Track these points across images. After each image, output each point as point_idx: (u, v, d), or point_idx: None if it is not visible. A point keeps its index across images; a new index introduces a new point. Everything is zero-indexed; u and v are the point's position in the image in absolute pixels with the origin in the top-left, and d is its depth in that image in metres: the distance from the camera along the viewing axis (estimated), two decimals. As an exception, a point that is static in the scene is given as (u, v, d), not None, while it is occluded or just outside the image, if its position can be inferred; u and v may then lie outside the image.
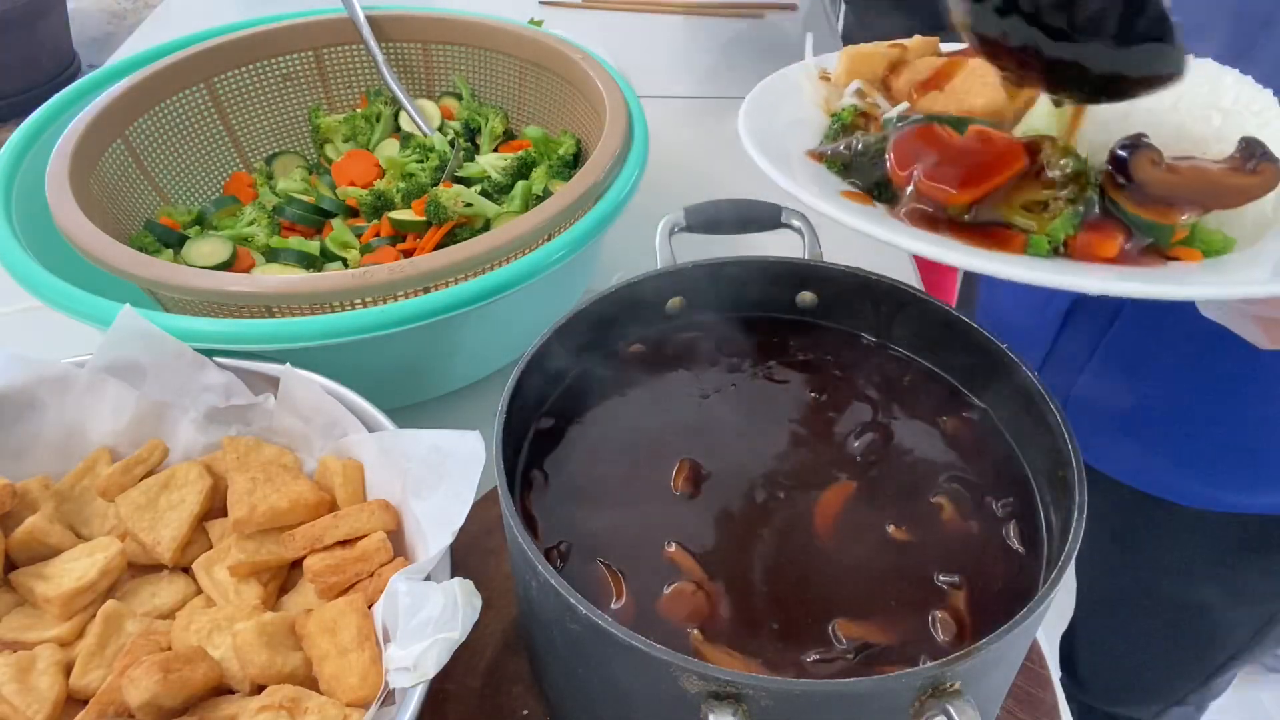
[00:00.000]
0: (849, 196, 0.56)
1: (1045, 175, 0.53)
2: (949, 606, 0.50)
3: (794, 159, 0.60)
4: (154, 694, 0.48)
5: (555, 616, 0.47)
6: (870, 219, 0.52)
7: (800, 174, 0.57)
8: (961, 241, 0.52)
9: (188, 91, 0.94)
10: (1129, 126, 0.56)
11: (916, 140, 0.56)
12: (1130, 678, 1.09)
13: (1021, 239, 0.52)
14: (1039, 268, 0.50)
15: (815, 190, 0.54)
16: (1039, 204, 0.53)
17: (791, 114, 0.66)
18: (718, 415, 0.61)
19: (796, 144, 0.63)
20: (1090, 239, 0.52)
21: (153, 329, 0.64)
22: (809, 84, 0.69)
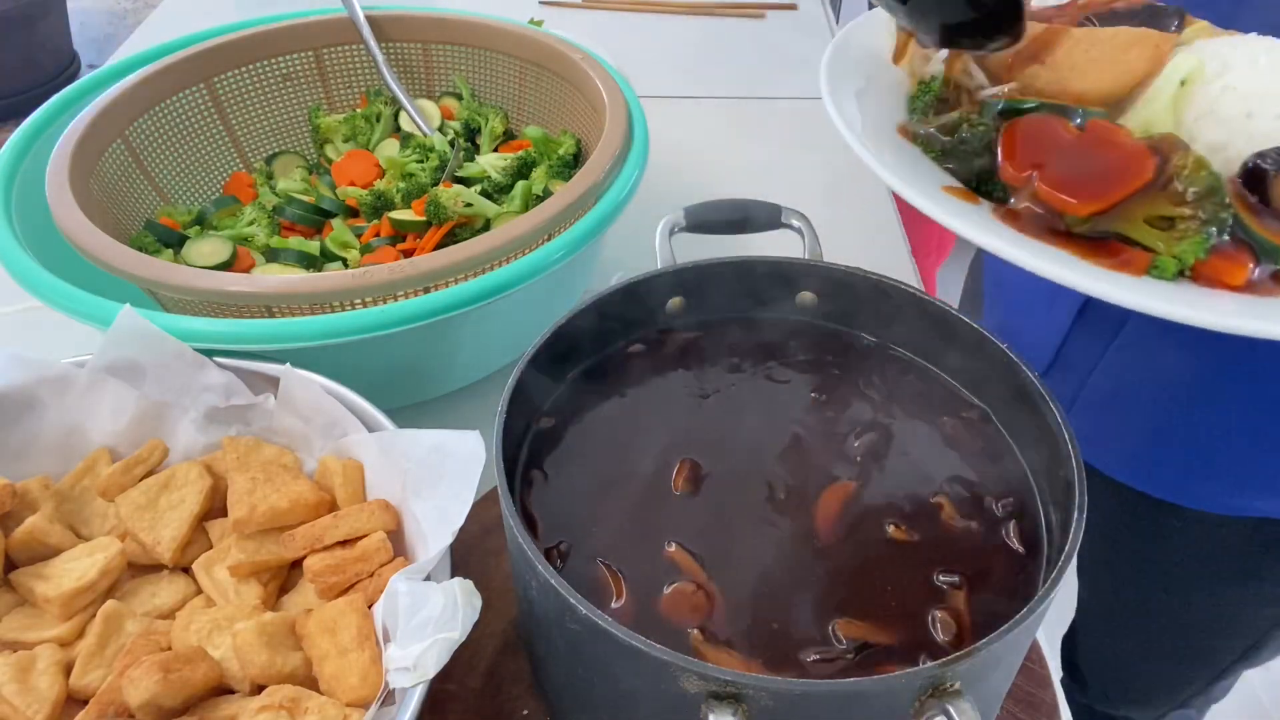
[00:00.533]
0: (951, 193, 0.51)
1: (1173, 187, 0.49)
2: (949, 606, 0.50)
3: (883, 136, 0.56)
4: (154, 694, 0.48)
5: (555, 616, 0.47)
6: (980, 225, 0.48)
7: (891, 155, 0.53)
8: (1079, 257, 0.48)
9: (188, 91, 0.94)
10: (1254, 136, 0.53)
11: (1032, 134, 0.52)
12: (1132, 680, 1.09)
13: (1144, 258, 0.48)
14: (1172, 298, 0.46)
15: (915, 184, 0.50)
16: (1165, 219, 0.49)
17: (873, 73, 0.61)
18: (718, 415, 0.61)
19: (882, 112, 0.58)
20: (1218, 264, 0.48)
21: (153, 329, 0.64)
22: (891, 39, 0.63)
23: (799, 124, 1.26)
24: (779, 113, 1.29)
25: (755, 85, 1.34)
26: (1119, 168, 0.49)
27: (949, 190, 0.51)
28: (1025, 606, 0.44)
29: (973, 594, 0.51)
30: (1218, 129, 0.54)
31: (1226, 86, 0.54)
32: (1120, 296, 0.45)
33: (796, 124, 1.26)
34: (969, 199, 0.51)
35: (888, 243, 1.05)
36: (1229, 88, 0.54)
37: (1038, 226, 0.49)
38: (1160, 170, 0.49)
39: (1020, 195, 0.50)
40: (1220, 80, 0.55)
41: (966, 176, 0.53)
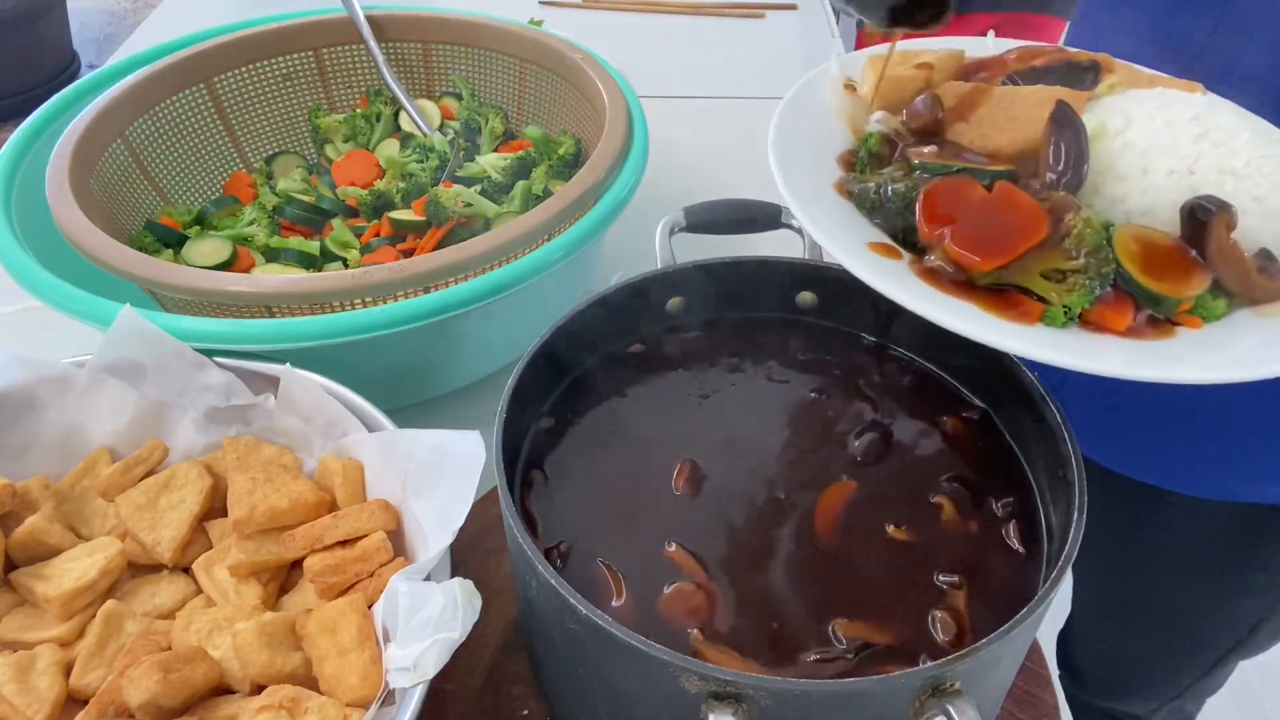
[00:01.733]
0: (875, 249, 0.56)
1: (1065, 244, 0.54)
2: (949, 606, 0.50)
3: (823, 190, 0.61)
4: (154, 694, 0.48)
5: (555, 616, 0.47)
6: (893, 279, 0.53)
7: (826, 212, 0.58)
8: (981, 308, 0.53)
9: (188, 91, 0.94)
10: (1148, 190, 0.58)
11: (945, 196, 0.57)
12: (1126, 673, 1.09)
13: (1038, 308, 0.53)
14: (1058, 346, 0.51)
15: (842, 241, 0.55)
16: (1058, 272, 0.54)
17: (819, 127, 0.66)
18: (718, 415, 0.61)
19: (824, 165, 0.63)
20: (1104, 312, 0.53)
21: (153, 329, 0.64)
22: (835, 96, 0.68)
23: (799, 124, 1.26)
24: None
25: (755, 85, 1.34)
26: (1018, 227, 0.55)
27: (874, 246, 0.56)
28: (1025, 606, 0.44)
29: (973, 594, 0.51)
30: (1117, 184, 0.59)
31: (1127, 143, 0.59)
32: (1013, 345, 0.50)
33: (796, 124, 1.26)
34: (892, 254, 0.56)
35: (888, 243, 1.04)
36: (1129, 144, 0.59)
37: (949, 281, 0.54)
38: (1054, 228, 0.54)
39: (934, 252, 0.55)
40: (1122, 137, 0.60)
41: (893, 231, 0.58)
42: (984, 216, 0.56)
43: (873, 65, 0.68)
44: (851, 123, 0.66)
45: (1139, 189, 0.58)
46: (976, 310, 0.53)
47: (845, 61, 0.70)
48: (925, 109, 0.64)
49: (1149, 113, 0.60)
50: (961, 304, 0.53)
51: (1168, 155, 0.58)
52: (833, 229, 0.56)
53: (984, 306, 0.53)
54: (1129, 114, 0.61)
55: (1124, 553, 0.97)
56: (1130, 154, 0.59)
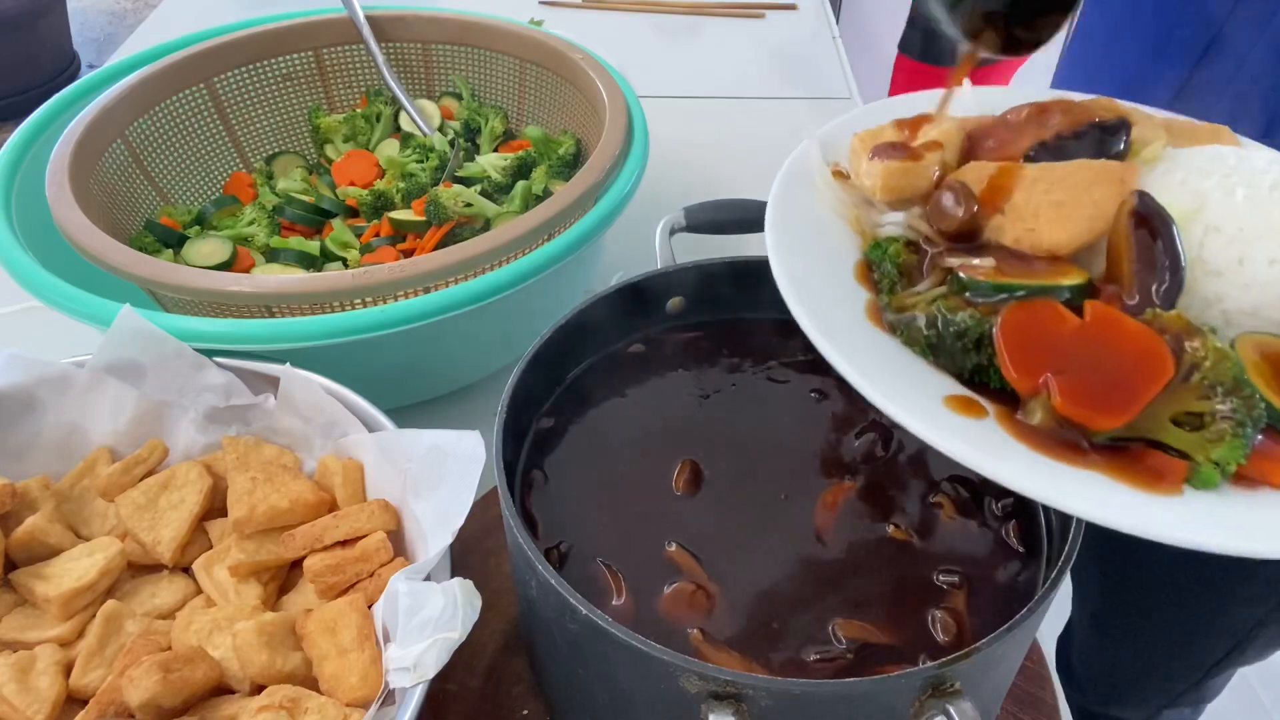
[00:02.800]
0: (955, 406, 0.45)
1: (1195, 379, 0.44)
2: (949, 606, 0.50)
3: (854, 322, 0.49)
4: (154, 694, 0.48)
5: (555, 616, 0.47)
6: (993, 450, 0.43)
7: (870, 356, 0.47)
8: (1110, 476, 0.43)
9: (188, 91, 0.94)
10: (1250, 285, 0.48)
11: (1029, 328, 0.46)
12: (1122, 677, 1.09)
13: (1179, 467, 0.43)
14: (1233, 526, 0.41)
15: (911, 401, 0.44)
16: (1192, 415, 0.44)
17: (817, 231, 0.55)
18: (718, 415, 0.61)
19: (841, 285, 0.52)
20: (1261, 465, 0.43)
21: (153, 329, 0.64)
22: (827, 190, 0.58)
23: (799, 124, 1.26)
24: (779, 113, 1.29)
25: (755, 85, 1.34)
26: (1136, 365, 0.44)
27: (953, 402, 0.46)
28: (1025, 607, 0.44)
29: (973, 594, 0.51)
30: (1209, 281, 0.49)
31: (1209, 228, 0.49)
32: (1179, 536, 0.40)
33: (796, 124, 1.26)
34: (975, 411, 0.46)
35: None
36: (1212, 229, 0.49)
37: (1057, 442, 0.44)
38: (1178, 362, 0.44)
39: (1033, 409, 0.45)
40: (1200, 220, 0.49)
41: (957, 372, 0.48)
42: (1088, 354, 0.45)
43: (863, 146, 0.58)
44: (856, 224, 0.56)
45: (1238, 285, 0.48)
46: (1107, 482, 0.42)
47: (824, 139, 0.60)
48: (957, 206, 0.52)
49: (1223, 186, 0.50)
50: (1087, 476, 0.42)
51: (1264, 240, 0.48)
52: (890, 383, 0.45)
53: (1110, 473, 0.43)
54: (1198, 190, 0.51)
55: (1119, 560, 0.97)
56: (1217, 241, 0.49)
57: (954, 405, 0.45)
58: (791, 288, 0.49)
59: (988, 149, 0.57)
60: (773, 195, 0.56)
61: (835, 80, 1.36)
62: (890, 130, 0.58)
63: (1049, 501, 0.41)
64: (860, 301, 0.51)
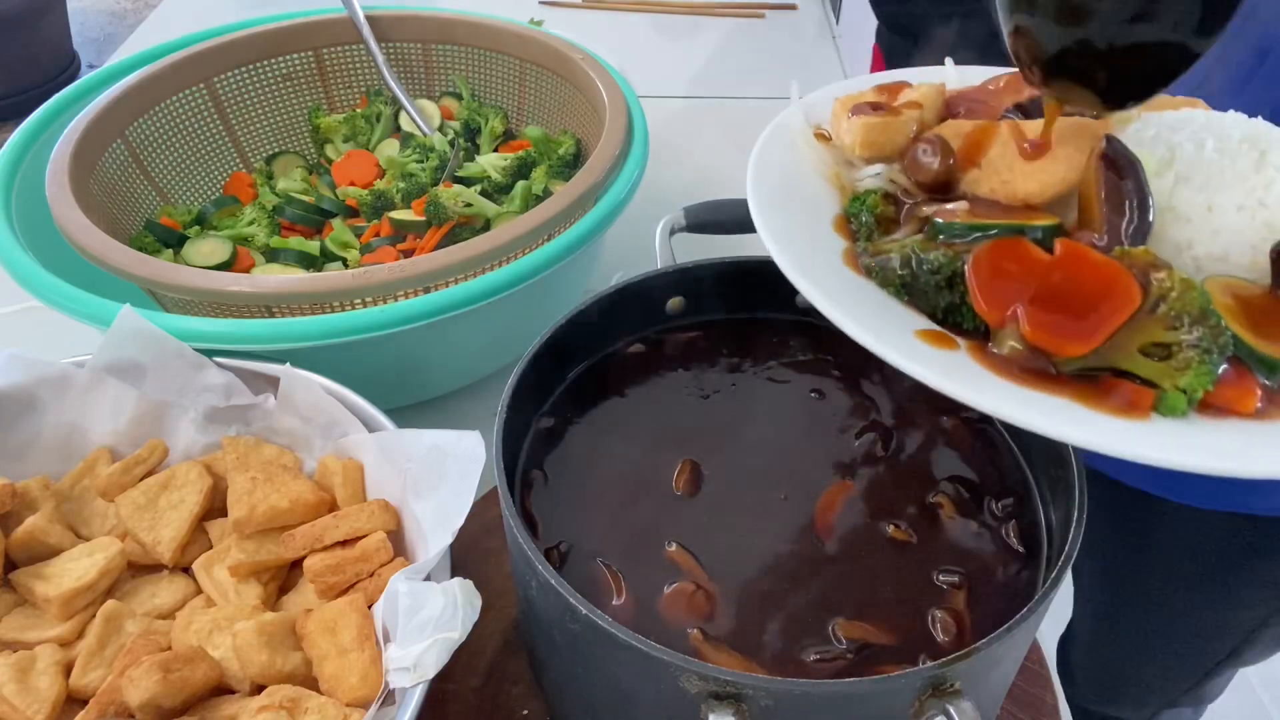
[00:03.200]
0: (926, 339, 0.47)
1: (1162, 311, 0.44)
2: (949, 607, 0.50)
3: (832, 267, 0.51)
4: (154, 694, 0.48)
5: (555, 616, 0.47)
6: (964, 379, 0.44)
7: (848, 295, 0.48)
8: (1078, 402, 0.43)
9: (188, 91, 0.94)
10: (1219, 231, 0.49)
11: (999, 264, 0.47)
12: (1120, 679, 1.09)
13: (1147, 395, 0.44)
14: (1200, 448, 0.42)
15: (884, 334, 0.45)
16: (1160, 346, 0.44)
17: (799, 188, 0.56)
18: (718, 415, 0.61)
19: (821, 236, 0.53)
20: (1226, 391, 0.44)
21: (153, 329, 0.64)
22: (809, 150, 0.59)
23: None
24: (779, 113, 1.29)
25: (755, 85, 1.34)
26: (1103, 296, 0.45)
27: (924, 335, 0.47)
28: (1025, 606, 0.44)
29: (973, 594, 0.51)
30: (1180, 227, 0.50)
31: (1180, 177, 0.50)
32: (1146, 454, 0.41)
33: (796, 124, 1.26)
34: (946, 343, 0.47)
35: (888, 243, 1.04)
36: (1182, 178, 0.50)
37: (1026, 371, 0.45)
38: (1145, 293, 0.45)
39: (1002, 338, 0.46)
40: (1171, 170, 0.51)
41: (931, 311, 0.49)
42: (1056, 287, 0.46)
43: (844, 108, 0.59)
44: (836, 180, 0.57)
45: (1207, 231, 0.49)
46: (1077, 408, 0.43)
47: (808, 106, 0.61)
48: (934, 157, 0.53)
49: (1193, 139, 0.51)
50: (1057, 402, 0.44)
51: (1232, 188, 0.49)
52: (865, 318, 0.46)
53: (1081, 400, 0.44)
54: (1170, 143, 0.52)
55: (1119, 559, 0.97)
56: (1187, 190, 0.50)
57: (926, 338, 0.47)
58: (771, 235, 0.50)
59: (966, 111, 0.59)
60: (754, 154, 0.57)
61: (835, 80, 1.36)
62: (870, 93, 0.59)
63: (1020, 423, 0.42)
64: (839, 249, 0.52)
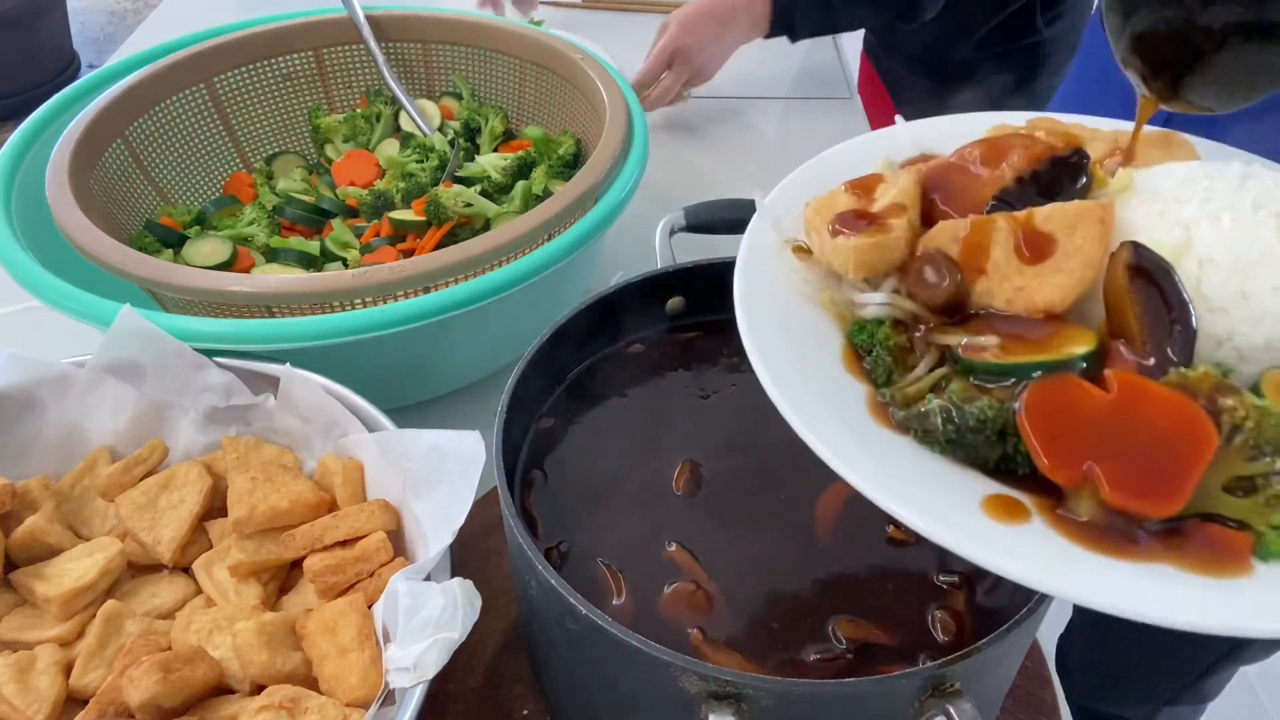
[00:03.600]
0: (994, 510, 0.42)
1: (1239, 440, 0.41)
2: (949, 607, 0.50)
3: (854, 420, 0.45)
4: (154, 694, 0.48)
5: (555, 616, 0.47)
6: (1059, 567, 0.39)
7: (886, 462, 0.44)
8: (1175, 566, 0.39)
9: (188, 91, 0.94)
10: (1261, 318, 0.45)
11: (1059, 415, 0.42)
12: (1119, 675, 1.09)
13: (1243, 542, 0.40)
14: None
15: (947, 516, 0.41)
16: (1242, 480, 0.41)
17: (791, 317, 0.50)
18: (718, 415, 0.61)
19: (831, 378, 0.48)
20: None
21: (153, 329, 0.64)
22: (790, 272, 0.53)
23: (799, 124, 1.26)
24: (779, 113, 1.29)
25: (755, 85, 1.34)
26: (1177, 439, 0.41)
27: (992, 506, 0.42)
28: (1025, 607, 0.44)
29: (972, 594, 0.51)
30: (1215, 319, 0.45)
31: (1203, 261, 0.46)
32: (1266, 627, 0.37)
33: (796, 124, 1.26)
34: (1016, 513, 0.42)
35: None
36: (1207, 262, 0.46)
37: (1111, 536, 0.41)
38: (1218, 426, 0.41)
39: (1079, 501, 0.41)
40: (1191, 254, 0.46)
41: (981, 465, 0.44)
42: (1123, 432, 0.41)
43: (819, 217, 0.52)
44: (831, 305, 0.51)
45: (1248, 320, 0.45)
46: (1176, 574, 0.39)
47: (771, 213, 0.55)
48: (941, 278, 0.48)
49: (1204, 212, 0.47)
50: (1153, 571, 0.39)
51: (1263, 267, 0.45)
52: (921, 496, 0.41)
53: (1176, 562, 0.39)
54: (1180, 220, 0.47)
55: None
56: (1215, 275, 0.45)
57: (994, 510, 0.42)
58: (783, 394, 0.45)
59: (947, 199, 0.53)
60: (737, 287, 0.50)
61: (835, 80, 1.36)
62: (844, 197, 0.54)
63: (1129, 615, 0.38)
64: (859, 398, 0.47)
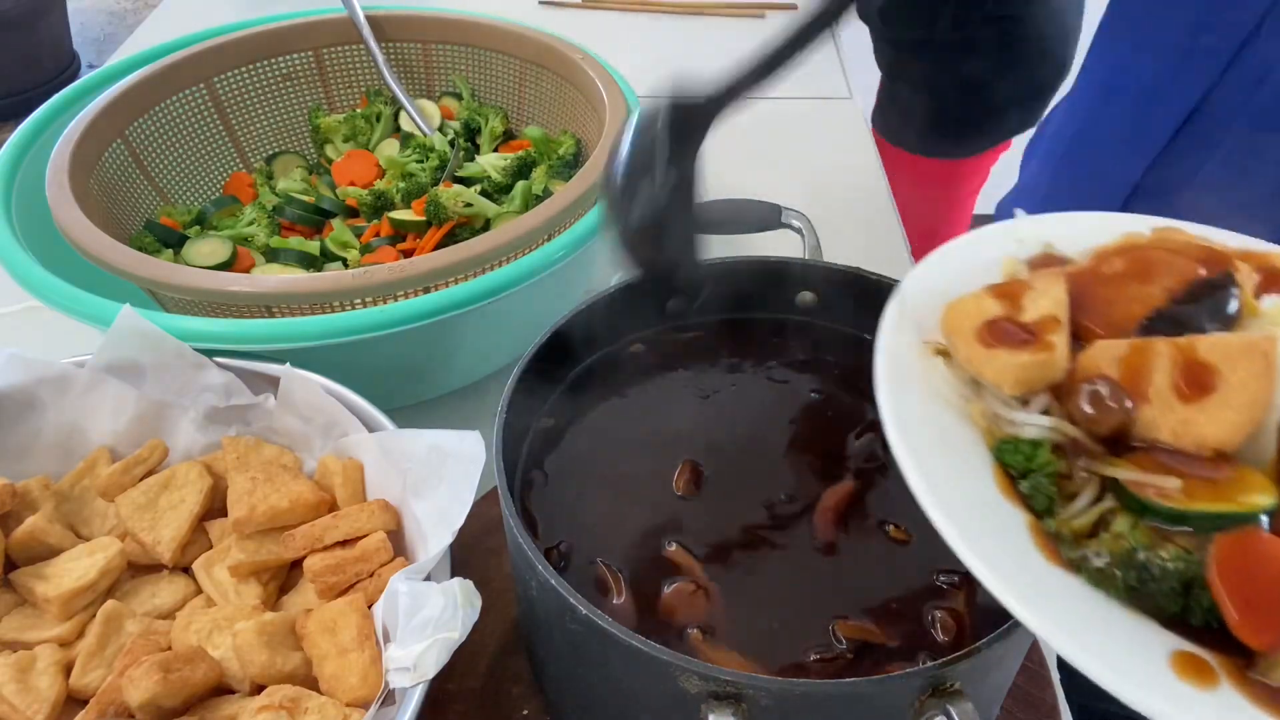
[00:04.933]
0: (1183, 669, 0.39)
1: None
2: (949, 607, 0.50)
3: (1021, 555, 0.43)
4: (154, 694, 0.48)
5: (555, 616, 0.47)
6: None
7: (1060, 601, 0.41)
8: None
9: (188, 91, 0.94)
10: None
11: (1243, 566, 0.40)
12: None
13: None
14: None
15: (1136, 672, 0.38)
16: None
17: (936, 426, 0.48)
18: (718, 415, 0.61)
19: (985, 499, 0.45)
20: None
21: (153, 329, 0.64)
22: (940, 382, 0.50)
23: (799, 124, 1.26)
24: (779, 113, 1.29)
25: (755, 85, 1.34)
26: None
27: (1180, 664, 0.40)
28: (1025, 606, 0.44)
29: (973, 594, 0.51)
30: None
31: None
32: None
33: (796, 124, 1.26)
34: (1204, 675, 0.39)
35: (888, 242, 1.04)
36: None
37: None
38: None
39: (1272, 668, 0.39)
40: None
41: (1159, 615, 0.43)
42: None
43: (964, 321, 0.50)
44: (981, 419, 0.48)
45: None
46: None
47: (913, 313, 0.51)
48: (1112, 405, 0.46)
49: None
50: None
51: None
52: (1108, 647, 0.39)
53: None
54: None
55: None
56: None
57: (1183, 670, 0.39)
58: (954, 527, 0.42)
59: (1093, 314, 0.51)
60: (884, 392, 0.48)
61: (835, 80, 1.36)
62: (989, 302, 0.51)
63: None
64: (1020, 524, 0.44)
